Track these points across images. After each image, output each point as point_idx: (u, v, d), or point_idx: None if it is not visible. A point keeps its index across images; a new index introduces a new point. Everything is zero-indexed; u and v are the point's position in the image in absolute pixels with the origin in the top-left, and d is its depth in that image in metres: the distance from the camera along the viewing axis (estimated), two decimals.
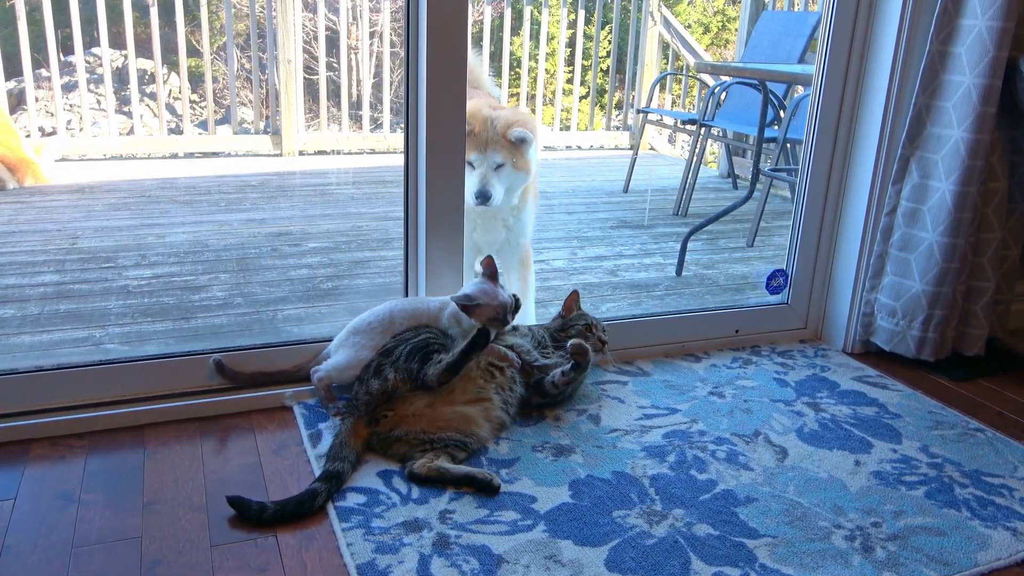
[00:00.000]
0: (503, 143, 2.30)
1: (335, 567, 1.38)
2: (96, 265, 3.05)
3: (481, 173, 2.29)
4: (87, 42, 4.88)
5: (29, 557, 1.38)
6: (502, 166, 2.31)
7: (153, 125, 5.31)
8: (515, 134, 2.30)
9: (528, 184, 2.45)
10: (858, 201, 2.30)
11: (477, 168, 2.29)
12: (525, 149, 2.35)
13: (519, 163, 2.34)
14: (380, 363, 1.78)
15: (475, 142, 2.28)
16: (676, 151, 5.93)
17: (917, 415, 2.00)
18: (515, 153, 2.32)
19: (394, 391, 1.72)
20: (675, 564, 1.41)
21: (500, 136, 2.30)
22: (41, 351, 2.32)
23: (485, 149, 2.29)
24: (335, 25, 5.53)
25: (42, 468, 1.64)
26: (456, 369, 1.73)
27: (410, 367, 1.74)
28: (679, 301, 2.91)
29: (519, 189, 2.41)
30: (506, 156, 2.31)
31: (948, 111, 2.09)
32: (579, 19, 5.74)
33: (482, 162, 2.29)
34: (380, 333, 1.89)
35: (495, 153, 2.30)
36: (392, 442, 1.68)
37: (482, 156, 2.29)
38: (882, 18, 2.18)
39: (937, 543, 1.50)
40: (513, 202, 2.42)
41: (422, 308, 1.95)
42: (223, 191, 4.43)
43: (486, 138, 2.29)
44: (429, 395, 1.72)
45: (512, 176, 2.35)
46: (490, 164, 2.30)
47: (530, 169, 2.40)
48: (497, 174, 2.31)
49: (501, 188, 2.32)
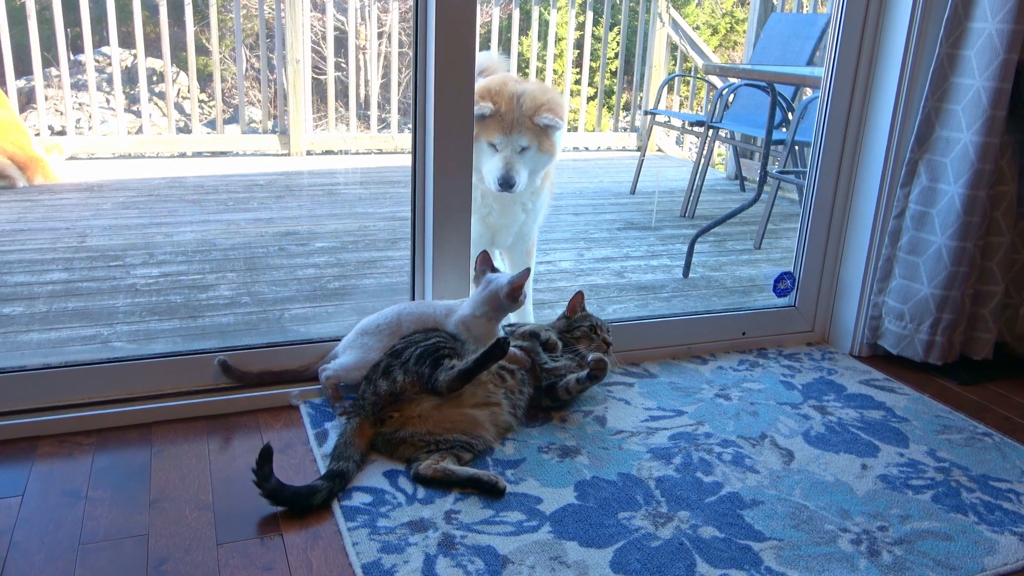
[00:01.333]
0: (530, 126, 2.13)
1: (341, 566, 1.38)
2: (104, 263, 3.06)
3: (505, 157, 2.13)
4: (96, 41, 4.90)
5: (36, 554, 1.38)
6: (527, 149, 2.16)
7: (162, 124, 5.33)
8: (544, 121, 2.15)
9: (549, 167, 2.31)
10: (866, 204, 2.29)
11: (500, 151, 2.13)
12: (551, 133, 2.21)
13: (544, 145, 2.18)
14: (389, 364, 1.78)
15: (500, 124, 2.11)
16: (684, 153, 5.92)
17: (924, 419, 1.99)
18: (541, 136, 2.16)
19: (402, 393, 1.72)
20: (680, 566, 1.41)
21: (527, 119, 2.13)
22: (49, 349, 2.33)
23: (511, 132, 2.12)
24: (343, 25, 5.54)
25: (50, 465, 1.64)
26: (468, 377, 1.71)
27: (420, 370, 1.73)
28: (686, 303, 2.90)
29: (542, 171, 2.27)
30: (532, 139, 2.15)
31: (957, 114, 2.08)
32: (587, 20, 5.74)
33: (506, 145, 2.13)
34: (388, 335, 1.89)
35: (521, 136, 2.14)
36: (398, 444, 1.68)
37: (507, 139, 2.12)
38: (891, 21, 2.17)
39: (944, 547, 1.50)
40: (535, 184, 2.27)
41: (428, 313, 1.94)
42: (231, 190, 4.44)
43: (512, 119, 2.12)
44: (437, 398, 1.72)
45: (536, 159, 2.19)
46: (515, 148, 2.14)
47: (555, 152, 2.24)
48: (522, 157, 2.15)
49: (525, 173, 2.17)
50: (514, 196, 2.27)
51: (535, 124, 2.16)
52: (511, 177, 2.14)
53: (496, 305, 1.88)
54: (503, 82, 2.17)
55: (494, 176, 2.15)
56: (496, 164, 2.14)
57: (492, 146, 2.15)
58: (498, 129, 2.13)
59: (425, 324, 1.92)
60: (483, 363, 1.71)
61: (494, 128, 2.13)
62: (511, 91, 2.15)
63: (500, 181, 2.14)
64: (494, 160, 2.15)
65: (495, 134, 2.13)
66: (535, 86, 2.24)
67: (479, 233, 2.24)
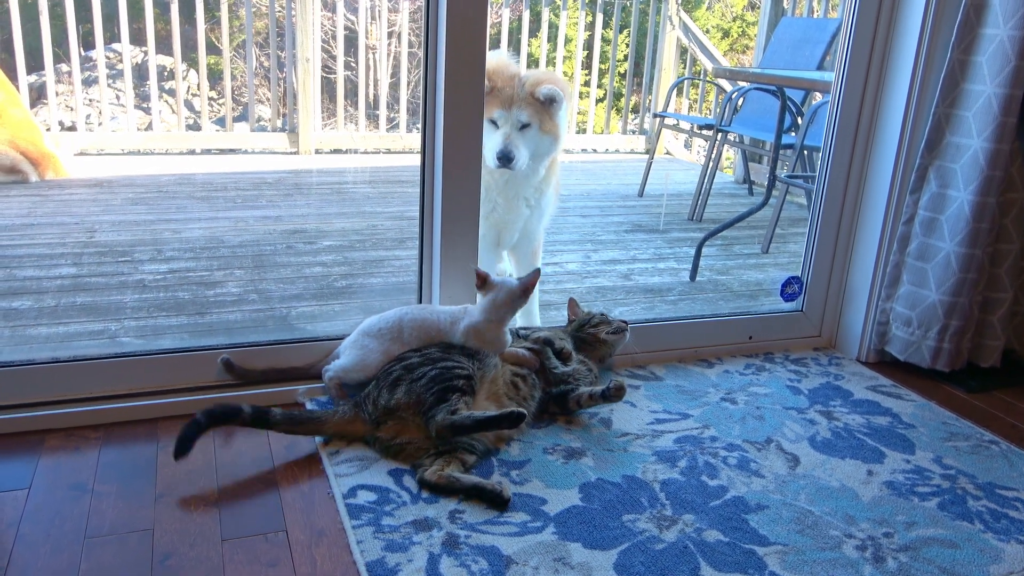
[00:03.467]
0: (530, 100, 2.12)
1: (345, 564, 1.39)
2: (113, 259, 3.07)
3: (504, 132, 2.10)
4: (108, 37, 4.92)
5: (42, 546, 1.39)
6: (528, 126, 2.14)
7: (171, 121, 5.35)
8: (544, 91, 2.12)
9: (554, 157, 2.28)
10: (875, 209, 2.29)
11: (501, 127, 2.10)
12: (554, 111, 2.17)
13: (546, 125, 2.16)
14: (399, 377, 1.72)
15: (499, 98, 2.09)
16: (692, 156, 5.92)
17: (931, 426, 1.98)
18: (543, 114, 2.14)
19: (397, 410, 1.68)
20: (684, 569, 1.41)
21: (527, 94, 2.11)
22: (57, 343, 2.34)
23: (510, 106, 2.10)
24: (354, 24, 5.56)
25: (57, 459, 1.65)
26: (462, 433, 1.63)
27: (424, 397, 1.66)
28: (693, 306, 2.90)
29: (545, 158, 2.24)
30: (532, 116, 2.12)
31: (968, 120, 2.07)
32: (597, 22, 5.74)
33: (506, 120, 2.10)
34: (389, 339, 1.87)
35: (520, 111, 2.12)
36: (397, 451, 1.67)
37: (506, 113, 2.10)
38: (902, 26, 2.17)
39: (949, 555, 1.49)
40: (539, 175, 2.24)
41: (431, 320, 1.90)
42: (239, 188, 4.46)
43: (511, 94, 2.10)
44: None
45: (538, 139, 2.17)
46: (514, 123, 2.12)
47: (558, 134, 2.21)
48: (522, 135, 2.13)
49: (526, 152, 2.14)
50: (517, 190, 2.24)
51: (535, 99, 2.13)
52: (510, 151, 2.11)
53: (510, 305, 1.87)
54: (504, 64, 2.14)
55: (493, 152, 2.11)
56: (496, 140, 2.11)
57: (492, 123, 2.13)
58: (497, 104, 2.10)
59: (427, 332, 1.88)
60: (484, 426, 1.63)
61: (493, 103, 2.09)
62: (512, 72, 2.13)
63: (499, 155, 2.11)
64: (494, 136, 2.12)
65: (494, 109, 2.10)
66: (538, 70, 2.23)
67: (483, 231, 2.24)
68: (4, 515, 1.47)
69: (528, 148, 2.16)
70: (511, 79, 2.11)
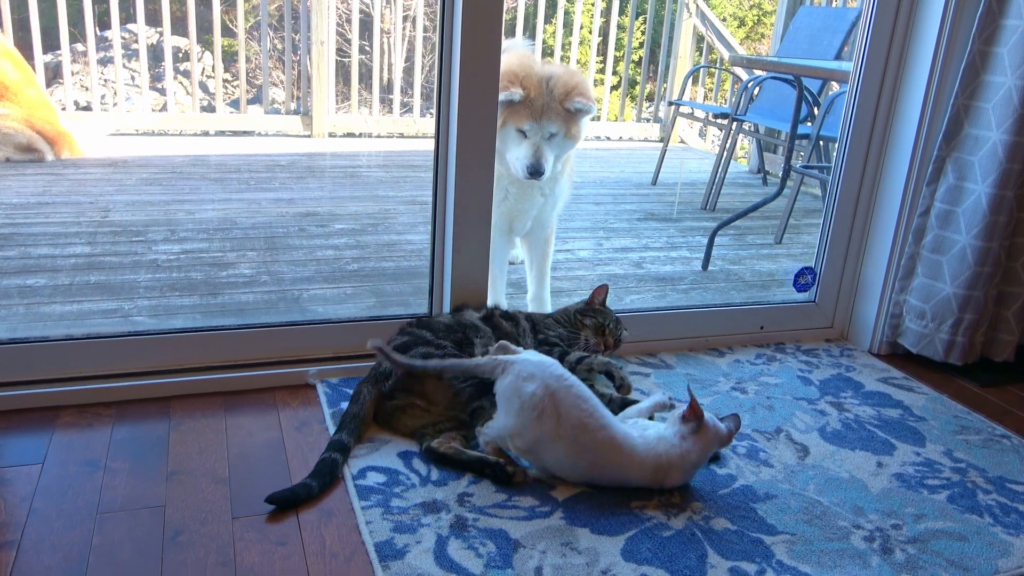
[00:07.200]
0: (560, 111, 2.10)
1: (353, 544, 1.40)
2: (127, 238, 3.09)
3: (534, 144, 2.09)
4: (123, 18, 4.93)
5: (55, 521, 1.40)
6: (555, 135, 2.13)
7: (186, 102, 5.36)
8: (576, 105, 2.10)
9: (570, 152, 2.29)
10: (891, 201, 2.27)
11: (530, 138, 2.09)
12: (581, 118, 2.17)
13: (572, 131, 2.16)
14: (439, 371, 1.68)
15: (530, 109, 2.06)
16: (706, 145, 5.89)
17: (942, 419, 1.97)
18: (570, 122, 2.13)
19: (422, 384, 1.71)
20: (692, 556, 1.41)
21: (557, 103, 2.09)
22: (71, 321, 2.36)
23: (540, 117, 2.08)
24: (369, 8, 5.54)
25: (70, 435, 1.67)
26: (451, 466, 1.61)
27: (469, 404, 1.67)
28: (704, 295, 2.89)
29: (564, 156, 2.25)
30: (561, 125, 2.11)
31: (987, 112, 2.05)
32: (612, 9, 5.71)
33: (536, 132, 2.08)
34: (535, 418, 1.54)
35: (551, 123, 2.09)
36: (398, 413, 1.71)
37: (537, 125, 2.08)
38: (923, 16, 2.14)
39: (958, 548, 1.49)
40: (556, 169, 2.25)
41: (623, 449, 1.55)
42: (253, 170, 4.46)
43: (542, 104, 2.07)
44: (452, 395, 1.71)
45: (562, 144, 2.17)
46: (544, 135, 2.11)
47: (580, 137, 2.21)
48: (550, 144, 2.12)
49: (552, 159, 2.14)
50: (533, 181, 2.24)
51: (565, 109, 2.12)
52: (541, 165, 2.10)
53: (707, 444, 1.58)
54: (528, 65, 2.12)
55: (523, 164, 2.11)
56: (525, 152, 2.11)
57: (521, 132, 2.12)
58: (528, 115, 2.08)
59: (606, 458, 1.54)
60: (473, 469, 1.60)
61: (524, 114, 2.08)
62: (539, 74, 2.11)
63: (530, 169, 2.10)
64: (522, 147, 2.11)
65: (525, 120, 2.09)
66: (560, 69, 2.20)
67: (495, 219, 2.22)
68: (18, 490, 1.48)
69: (554, 154, 2.16)
70: (539, 85, 2.08)
